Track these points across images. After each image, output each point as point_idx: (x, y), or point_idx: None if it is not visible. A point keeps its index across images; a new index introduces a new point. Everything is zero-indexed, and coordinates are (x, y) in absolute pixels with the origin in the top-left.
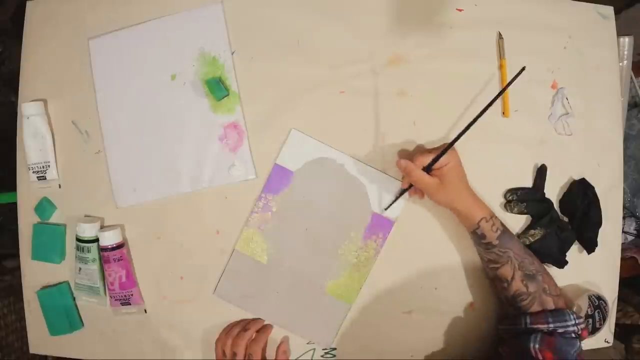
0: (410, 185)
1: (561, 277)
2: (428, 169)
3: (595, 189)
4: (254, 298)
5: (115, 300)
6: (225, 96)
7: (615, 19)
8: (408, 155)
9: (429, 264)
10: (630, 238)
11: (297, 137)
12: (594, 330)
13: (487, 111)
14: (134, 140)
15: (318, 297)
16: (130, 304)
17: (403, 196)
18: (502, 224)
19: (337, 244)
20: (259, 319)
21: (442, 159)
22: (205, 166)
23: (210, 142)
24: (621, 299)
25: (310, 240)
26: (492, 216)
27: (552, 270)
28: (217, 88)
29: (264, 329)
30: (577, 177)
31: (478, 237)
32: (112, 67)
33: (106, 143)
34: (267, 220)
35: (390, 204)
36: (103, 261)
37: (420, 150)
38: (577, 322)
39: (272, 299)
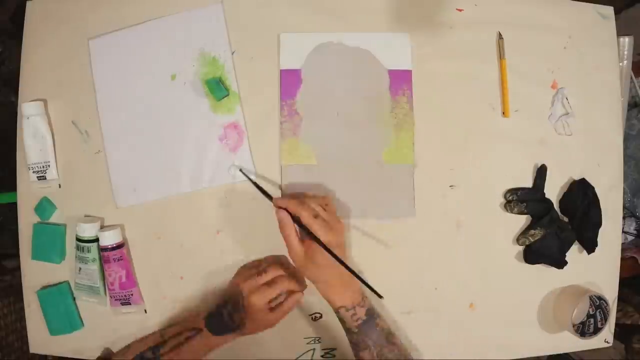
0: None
1: (561, 277)
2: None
3: (595, 189)
4: None
5: (115, 300)
6: (225, 96)
7: (615, 19)
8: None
9: (429, 264)
10: (630, 238)
11: (289, 38)
12: (596, 330)
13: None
14: (134, 140)
15: (379, 171)
16: (130, 304)
17: None
18: (368, 311)
19: (371, 114)
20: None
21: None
22: (205, 166)
23: (210, 142)
24: (621, 299)
25: (345, 122)
26: (357, 305)
27: (552, 270)
28: (217, 88)
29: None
30: (577, 177)
31: (339, 318)
32: (112, 67)
33: (106, 143)
34: (298, 124)
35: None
36: (103, 261)
37: (313, 199)
38: None
39: (337, 194)
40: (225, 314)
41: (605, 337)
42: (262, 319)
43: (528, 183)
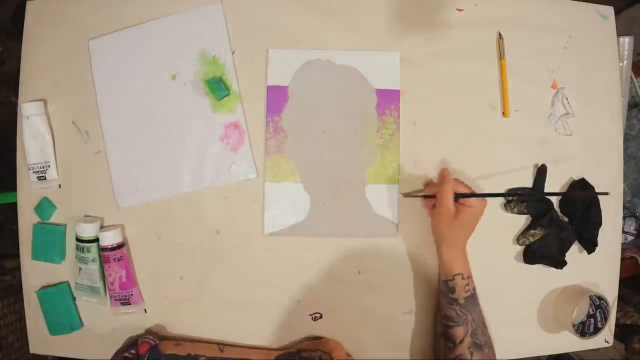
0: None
1: (561, 277)
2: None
3: (595, 189)
4: (306, 220)
5: (115, 300)
6: (226, 96)
7: (615, 19)
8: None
9: (429, 264)
10: (630, 238)
11: (278, 54)
12: (596, 330)
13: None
14: (135, 141)
15: (364, 191)
16: (130, 304)
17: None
18: (474, 288)
19: (356, 133)
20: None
21: (473, 201)
22: (206, 166)
23: (211, 141)
24: (621, 299)
25: (330, 140)
26: (470, 276)
27: (552, 270)
28: (218, 87)
29: None
30: (577, 177)
31: (448, 289)
32: (112, 67)
33: (106, 143)
34: (283, 141)
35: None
36: (103, 261)
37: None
38: None
39: (322, 213)
40: None
41: (605, 337)
42: None
43: (528, 183)
